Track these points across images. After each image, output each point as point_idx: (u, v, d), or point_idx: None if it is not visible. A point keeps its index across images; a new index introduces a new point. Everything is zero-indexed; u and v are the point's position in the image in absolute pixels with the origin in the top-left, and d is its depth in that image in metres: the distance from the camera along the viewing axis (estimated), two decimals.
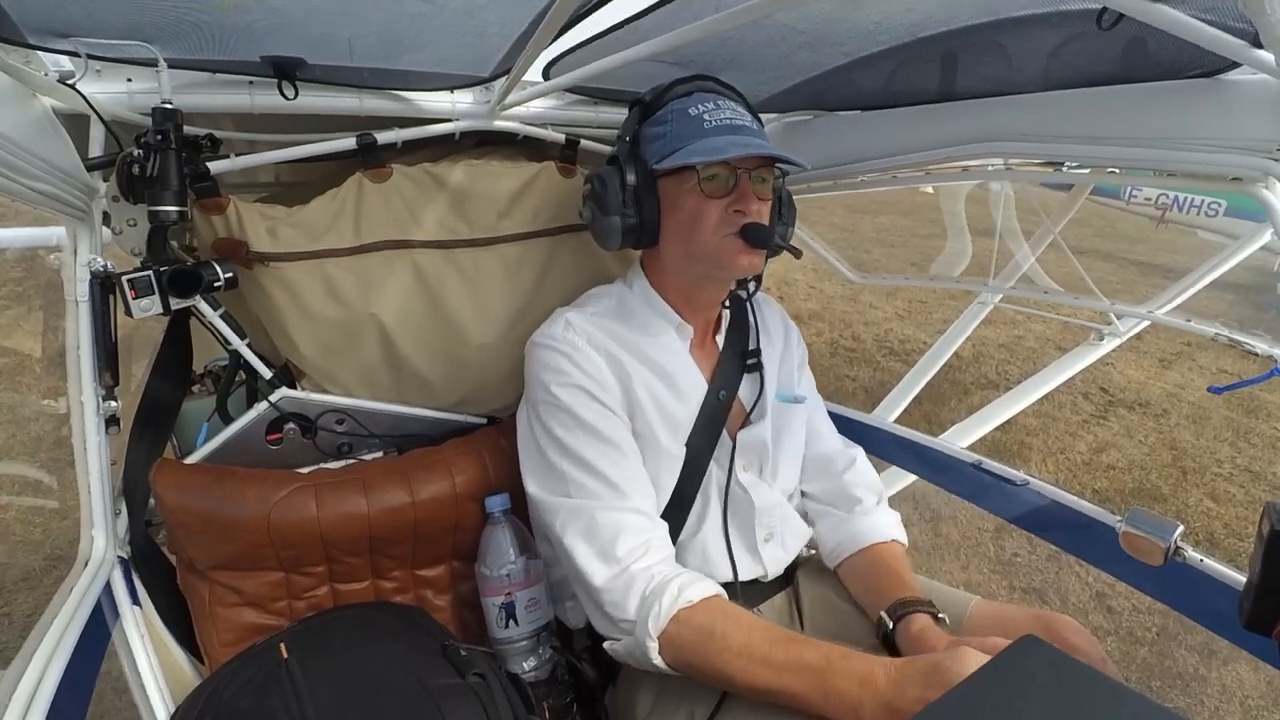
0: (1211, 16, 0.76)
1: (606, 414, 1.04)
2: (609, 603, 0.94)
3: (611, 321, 1.12)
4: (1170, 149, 0.99)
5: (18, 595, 2.46)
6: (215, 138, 1.10)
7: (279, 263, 1.13)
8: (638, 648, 0.92)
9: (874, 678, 0.79)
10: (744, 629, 0.88)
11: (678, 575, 0.94)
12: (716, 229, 1.04)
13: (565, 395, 1.04)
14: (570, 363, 1.05)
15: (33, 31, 0.90)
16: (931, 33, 1.06)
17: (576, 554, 0.96)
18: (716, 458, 1.11)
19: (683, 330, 1.15)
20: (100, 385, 1.07)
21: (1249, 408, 4.54)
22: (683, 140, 1.04)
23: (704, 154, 1.00)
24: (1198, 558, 1.06)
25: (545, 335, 1.10)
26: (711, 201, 1.04)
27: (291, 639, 0.98)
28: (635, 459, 1.05)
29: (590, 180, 1.12)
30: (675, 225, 1.08)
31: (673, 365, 1.11)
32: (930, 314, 6.36)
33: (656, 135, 1.07)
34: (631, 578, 0.93)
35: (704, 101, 1.06)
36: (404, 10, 0.91)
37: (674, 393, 1.10)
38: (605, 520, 0.97)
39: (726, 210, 1.04)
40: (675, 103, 1.08)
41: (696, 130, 1.03)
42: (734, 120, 1.04)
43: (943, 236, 3.24)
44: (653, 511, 1.03)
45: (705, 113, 1.04)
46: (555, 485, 1.03)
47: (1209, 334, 1.92)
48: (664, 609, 0.90)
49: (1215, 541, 3.19)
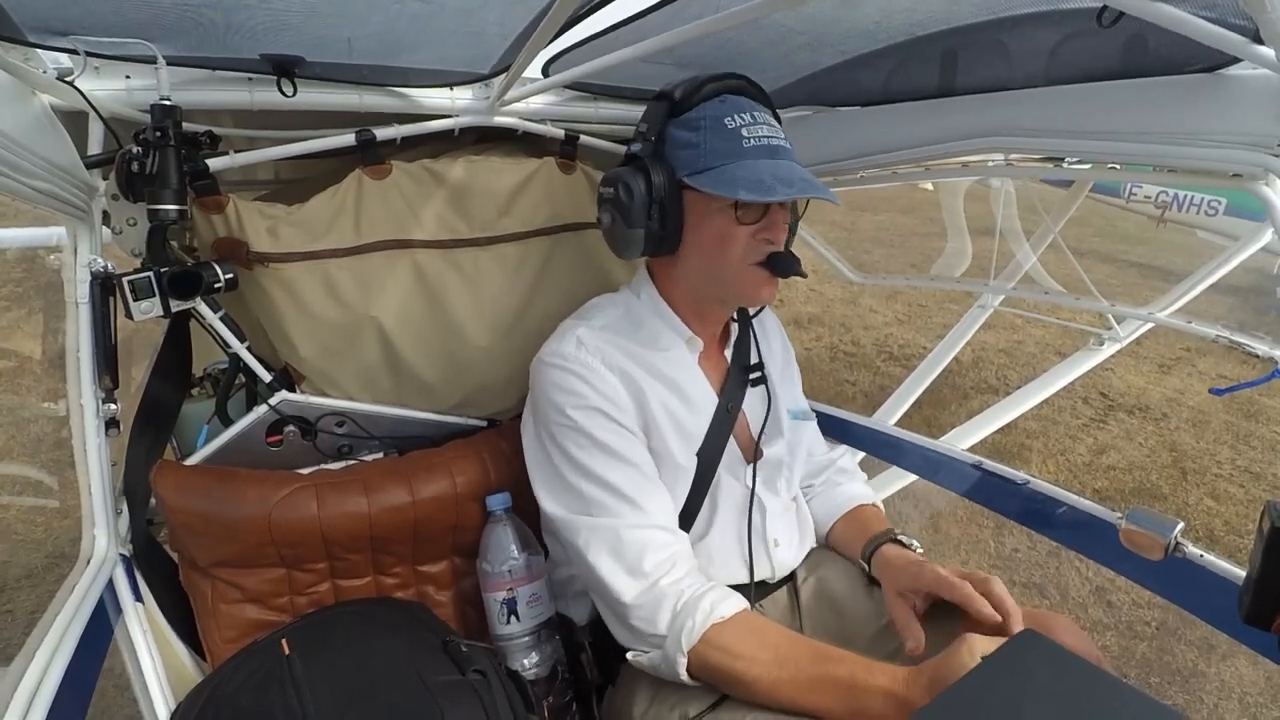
0: (1212, 13, 0.76)
1: (623, 433, 1.03)
2: (639, 618, 0.95)
3: (621, 335, 1.09)
4: (1171, 144, 0.99)
5: (20, 593, 2.46)
6: (215, 134, 1.10)
7: (279, 263, 1.13)
8: (665, 662, 0.93)
9: (895, 692, 0.82)
10: (770, 646, 0.90)
11: (708, 591, 0.95)
12: (743, 256, 1.01)
13: (581, 418, 1.01)
14: (585, 384, 1.02)
15: (31, 29, 0.90)
16: (931, 31, 1.06)
17: (602, 570, 0.97)
18: (725, 464, 1.12)
19: (693, 344, 1.13)
20: (100, 388, 1.07)
21: (1249, 411, 4.54)
22: (720, 158, 0.98)
23: (750, 190, 0.95)
24: (1198, 553, 1.06)
25: (556, 355, 1.06)
26: (741, 227, 1.00)
27: (293, 635, 0.98)
28: (653, 473, 1.05)
29: (613, 184, 1.04)
30: (699, 243, 1.04)
31: (684, 379, 1.10)
32: (930, 318, 6.35)
33: (688, 143, 1.01)
34: (662, 593, 0.94)
35: (740, 111, 1.01)
36: (404, 10, 0.91)
37: (687, 406, 1.09)
38: (630, 538, 0.97)
39: (754, 237, 1.01)
40: (708, 107, 1.01)
41: (735, 148, 0.98)
42: (771, 139, 1.00)
43: (943, 236, 3.24)
44: (674, 525, 1.04)
45: (743, 127, 0.99)
46: (575, 504, 1.02)
47: (1210, 335, 1.92)
48: (697, 625, 0.91)
49: (1215, 538, 3.19)
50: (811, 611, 1.15)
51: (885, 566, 1.07)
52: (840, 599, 1.13)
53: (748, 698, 0.91)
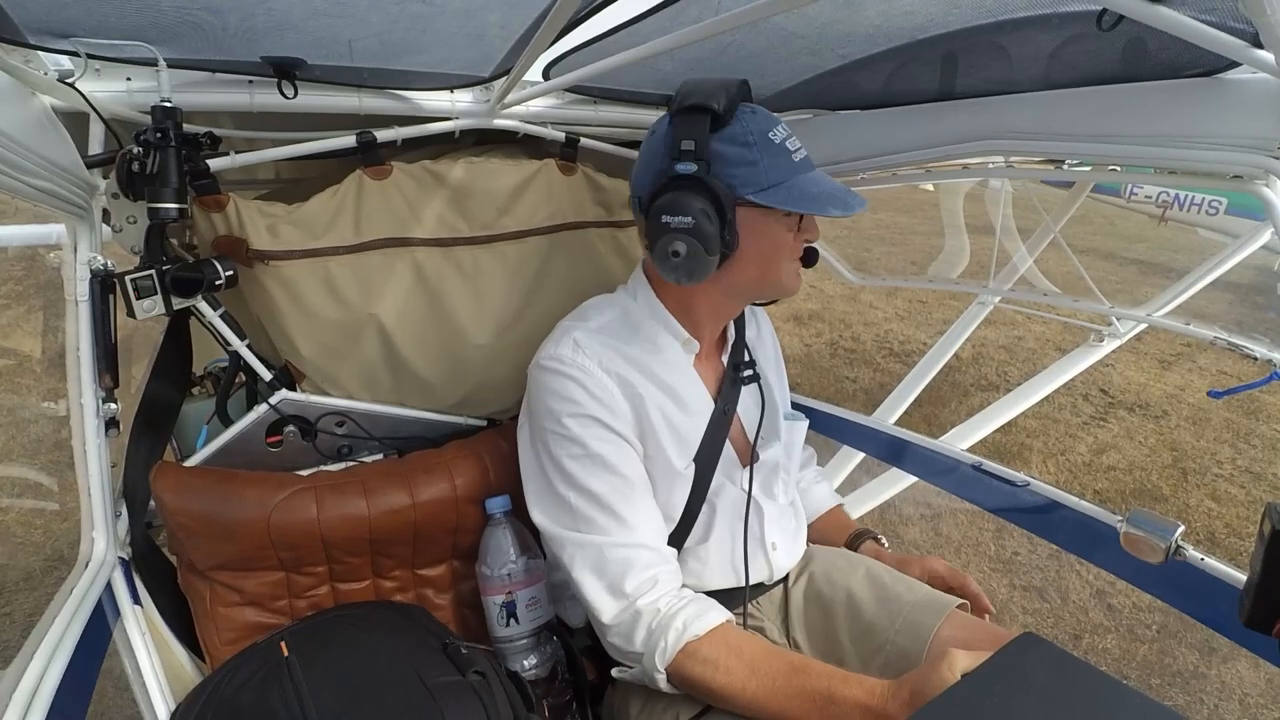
0: (1211, 17, 0.76)
1: (619, 443, 1.03)
2: (617, 635, 0.98)
3: (618, 338, 1.08)
4: (1171, 147, 0.99)
5: (19, 595, 2.46)
6: (215, 135, 1.10)
7: (279, 261, 1.13)
8: (645, 677, 0.97)
9: (871, 705, 0.83)
10: (746, 661, 0.92)
11: (683, 608, 0.96)
12: (790, 257, 1.06)
13: (577, 426, 1.01)
14: (582, 390, 1.02)
15: (32, 32, 0.90)
16: (931, 34, 1.06)
17: (585, 588, 0.99)
18: (722, 468, 1.12)
19: (690, 346, 1.12)
20: (100, 387, 1.07)
21: (1249, 409, 4.53)
22: (781, 174, 0.99)
23: (825, 205, 0.99)
24: (1199, 557, 1.06)
25: (552, 358, 1.04)
26: (792, 232, 1.04)
27: (292, 637, 0.98)
28: (644, 489, 1.05)
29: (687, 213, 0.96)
30: (757, 253, 1.03)
31: (680, 383, 1.10)
32: (930, 314, 6.35)
33: (745, 160, 0.98)
34: (638, 613, 0.96)
35: (775, 125, 1.00)
36: (404, 12, 0.91)
37: (683, 411, 1.09)
38: (614, 556, 0.98)
39: (797, 239, 1.06)
40: (751, 121, 0.99)
41: (788, 164, 1.00)
42: (801, 151, 1.03)
43: (942, 234, 3.24)
44: (660, 544, 1.04)
45: (785, 140, 1.00)
46: (563, 519, 1.02)
47: (1208, 338, 1.92)
48: (670, 645, 0.93)
49: (1216, 541, 3.19)
50: (800, 611, 1.16)
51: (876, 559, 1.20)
52: (828, 600, 1.13)
53: (729, 709, 0.93)
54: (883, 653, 1.02)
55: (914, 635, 1.01)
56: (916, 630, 1.02)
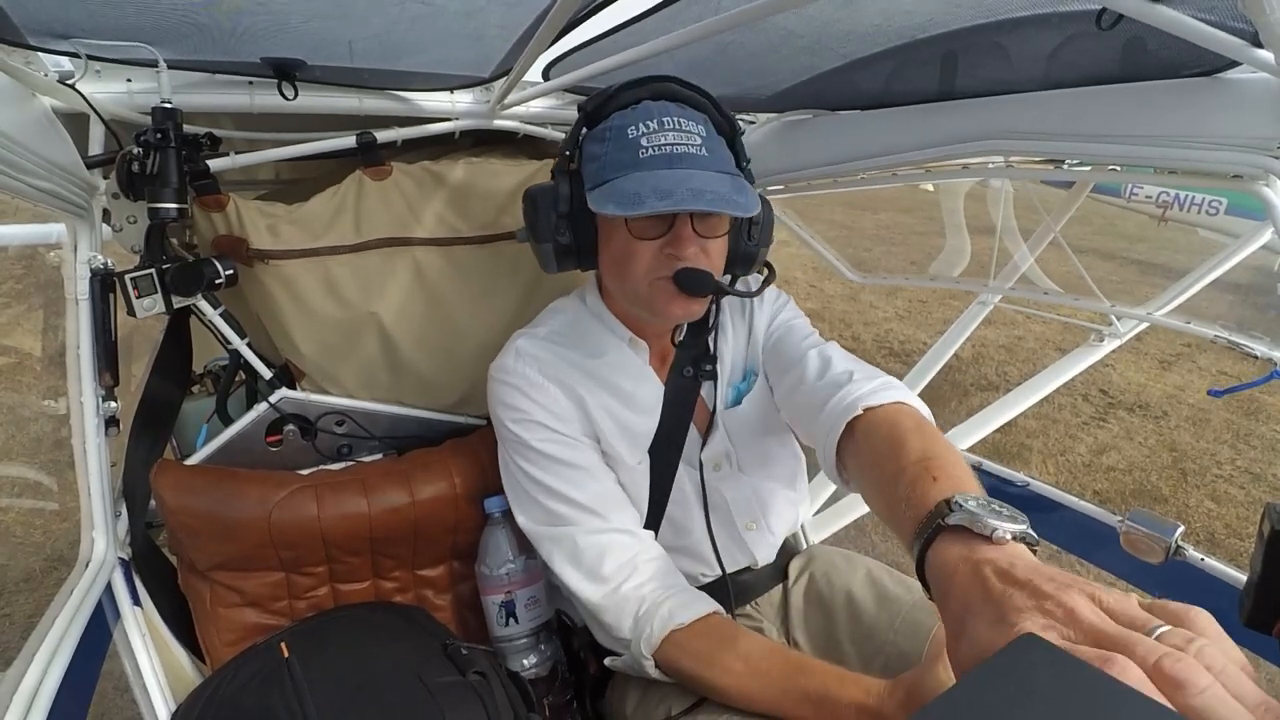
0: (1211, 16, 0.76)
1: (569, 442, 1.04)
2: (605, 621, 0.98)
3: (564, 343, 1.09)
4: (1171, 147, 0.99)
5: (18, 596, 2.46)
6: (215, 136, 1.10)
7: (279, 260, 1.13)
8: (635, 664, 0.97)
9: (868, 705, 0.82)
10: (739, 654, 0.91)
11: (669, 597, 0.96)
12: (649, 272, 0.96)
13: (523, 431, 1.04)
14: (524, 397, 1.04)
15: (33, 33, 0.90)
16: (931, 34, 1.06)
17: (567, 578, 1.00)
18: (686, 457, 1.11)
19: (636, 344, 1.11)
20: (100, 386, 1.07)
21: (1249, 410, 4.54)
22: (614, 170, 0.93)
23: (620, 203, 0.89)
24: (1198, 557, 1.07)
25: (498, 369, 1.08)
26: (643, 243, 0.95)
27: (292, 638, 0.98)
28: (607, 478, 1.06)
29: (525, 198, 1.03)
30: (609, 259, 1.01)
31: (628, 381, 1.09)
32: (930, 314, 6.36)
33: (594, 156, 0.96)
34: (623, 598, 0.97)
35: (647, 119, 0.94)
36: (404, 13, 0.91)
37: (632, 409, 1.08)
38: (586, 543, 1.00)
39: (660, 252, 0.95)
40: (617, 116, 0.96)
41: (630, 159, 0.92)
42: (676, 147, 0.92)
43: (942, 234, 3.24)
44: (635, 527, 1.05)
45: (644, 136, 0.93)
46: (537, 515, 1.04)
47: (1208, 336, 1.92)
48: (655, 632, 0.93)
49: (1216, 541, 3.19)
50: (800, 611, 1.15)
51: (948, 584, 0.58)
52: (828, 600, 1.13)
53: (723, 703, 0.93)
54: (883, 654, 1.02)
55: (913, 636, 1.01)
56: (916, 631, 1.02)
